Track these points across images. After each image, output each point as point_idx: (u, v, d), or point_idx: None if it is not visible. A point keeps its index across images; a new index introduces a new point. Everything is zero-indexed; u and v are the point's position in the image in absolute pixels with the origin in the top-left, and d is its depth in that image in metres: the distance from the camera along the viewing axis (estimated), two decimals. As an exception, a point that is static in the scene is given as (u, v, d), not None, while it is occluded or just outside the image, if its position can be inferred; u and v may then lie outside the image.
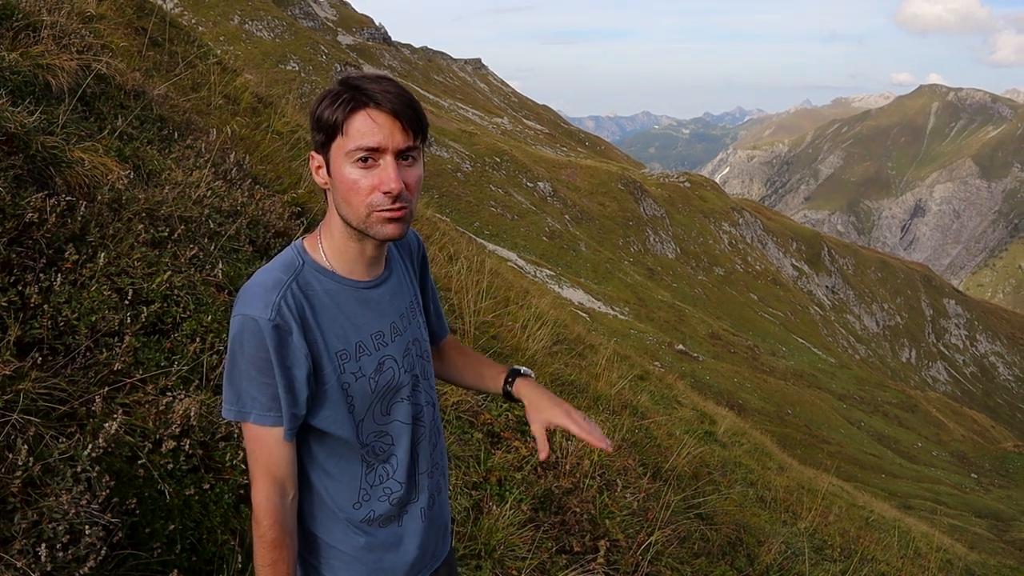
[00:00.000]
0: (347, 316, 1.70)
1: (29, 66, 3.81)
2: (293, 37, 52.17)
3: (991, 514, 25.31)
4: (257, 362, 1.60)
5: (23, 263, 2.76)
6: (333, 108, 1.59)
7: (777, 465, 11.56)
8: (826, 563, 6.82)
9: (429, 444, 1.88)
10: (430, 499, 1.88)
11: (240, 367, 1.62)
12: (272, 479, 1.66)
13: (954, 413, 49.46)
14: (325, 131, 1.61)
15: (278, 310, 1.59)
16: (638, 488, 5.00)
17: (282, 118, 7.32)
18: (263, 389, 1.61)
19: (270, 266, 1.68)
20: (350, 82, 1.61)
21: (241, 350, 1.60)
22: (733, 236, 66.67)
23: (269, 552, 1.66)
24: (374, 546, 1.79)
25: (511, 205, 45.45)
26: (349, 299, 1.71)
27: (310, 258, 1.70)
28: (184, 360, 2.88)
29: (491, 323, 6.08)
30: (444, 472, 1.97)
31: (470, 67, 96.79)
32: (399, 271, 1.87)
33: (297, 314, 1.62)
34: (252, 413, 1.63)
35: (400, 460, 1.80)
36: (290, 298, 1.62)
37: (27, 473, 2.12)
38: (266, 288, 1.62)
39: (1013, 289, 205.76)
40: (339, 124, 1.59)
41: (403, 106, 1.59)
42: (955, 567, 11.24)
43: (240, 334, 1.60)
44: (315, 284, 1.67)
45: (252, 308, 1.60)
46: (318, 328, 1.65)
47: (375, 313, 1.75)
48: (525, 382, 2.05)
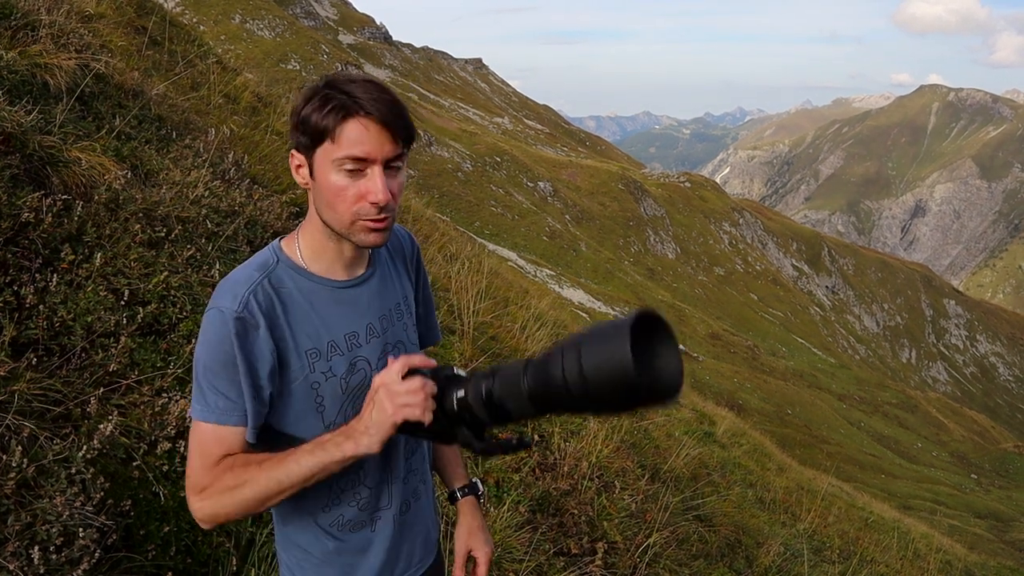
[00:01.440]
0: (320, 315, 1.68)
1: (27, 65, 3.80)
2: (294, 36, 52.17)
3: (991, 515, 25.32)
4: (219, 354, 1.57)
5: (19, 263, 2.75)
6: (323, 113, 1.56)
7: (776, 466, 11.55)
8: (825, 564, 6.81)
9: (405, 449, 1.85)
10: (403, 505, 1.85)
11: (204, 358, 1.59)
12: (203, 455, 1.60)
13: (954, 413, 49.46)
14: (311, 135, 1.58)
15: (246, 304, 1.58)
16: (636, 490, 4.99)
17: (282, 118, 7.31)
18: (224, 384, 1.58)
19: (246, 263, 1.68)
20: (338, 86, 1.57)
21: (207, 340, 1.58)
22: (733, 236, 66.68)
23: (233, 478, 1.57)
24: (343, 550, 1.78)
25: (511, 205, 45.45)
26: (323, 298, 1.69)
27: (285, 256, 1.69)
28: (180, 361, 2.87)
29: (490, 324, 6.07)
30: (424, 478, 1.94)
31: (471, 67, 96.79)
32: (385, 272, 1.84)
33: (266, 310, 1.60)
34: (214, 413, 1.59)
35: (370, 465, 1.77)
36: (260, 294, 1.60)
37: (21, 474, 2.12)
38: (237, 283, 1.61)
39: (1013, 289, 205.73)
40: (328, 130, 1.56)
41: (394, 116, 1.57)
42: (955, 568, 11.23)
43: (206, 327, 1.58)
44: (288, 282, 1.66)
45: (221, 301, 1.59)
46: (288, 326, 1.63)
47: (351, 313, 1.73)
48: (473, 502, 2.08)
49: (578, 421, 5.53)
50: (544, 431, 5.00)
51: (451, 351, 5.06)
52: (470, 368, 4.60)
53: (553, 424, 5.17)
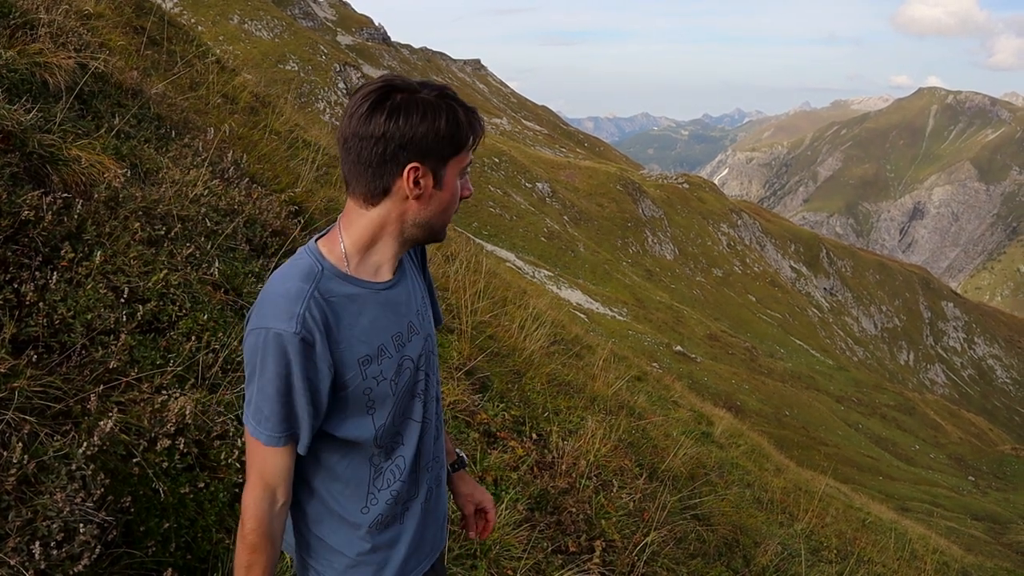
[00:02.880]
0: (369, 320, 1.68)
1: (26, 64, 3.81)
2: (292, 37, 52.11)
3: (988, 517, 25.33)
4: (276, 380, 1.58)
5: (19, 261, 2.76)
6: (470, 127, 1.68)
7: (774, 466, 11.56)
8: (822, 564, 6.83)
9: (432, 438, 1.89)
10: (428, 492, 1.89)
11: (258, 382, 1.60)
12: (264, 485, 1.66)
13: (952, 416, 49.48)
14: (455, 145, 1.66)
15: (303, 322, 1.56)
16: (634, 489, 5.00)
17: (280, 117, 7.32)
18: (277, 410, 1.60)
19: (288, 273, 1.64)
20: (460, 101, 1.69)
21: (263, 366, 1.58)
22: (731, 238, 66.69)
23: (247, 554, 1.66)
24: (378, 547, 1.79)
25: (510, 206, 45.44)
26: (370, 302, 1.69)
27: (328, 263, 1.66)
28: (180, 358, 2.88)
29: (488, 323, 6.08)
30: (443, 464, 1.99)
31: (469, 68, 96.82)
32: (408, 268, 1.86)
33: (321, 324, 1.59)
34: (264, 433, 1.62)
35: (407, 459, 1.80)
36: (314, 308, 1.58)
37: (22, 471, 2.12)
38: (288, 299, 1.58)
39: (1011, 292, 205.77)
40: (468, 142, 1.69)
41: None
42: (951, 569, 11.24)
43: (263, 348, 1.57)
44: (336, 290, 1.64)
45: (275, 321, 1.56)
46: (341, 335, 1.63)
47: (395, 314, 1.74)
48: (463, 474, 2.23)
49: (576, 420, 5.54)
50: (543, 430, 5.01)
51: (449, 350, 5.07)
52: (468, 367, 4.62)
53: (551, 423, 5.18)
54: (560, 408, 5.63)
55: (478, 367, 5.15)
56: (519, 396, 5.34)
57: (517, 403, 5.17)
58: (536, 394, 5.57)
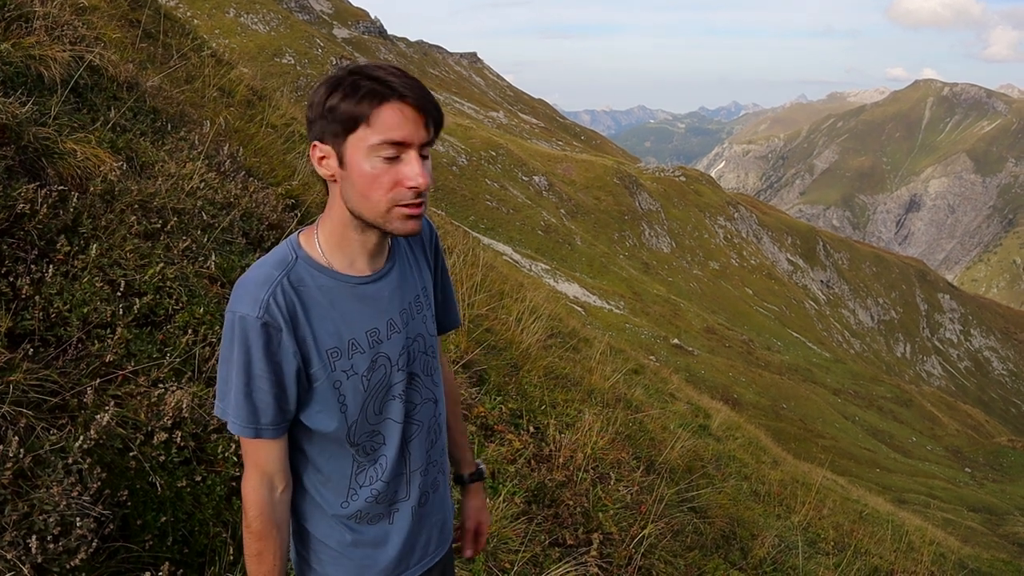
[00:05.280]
0: (340, 313, 1.66)
1: (21, 57, 3.79)
2: (288, 30, 52.02)
3: (984, 508, 25.41)
4: (244, 364, 1.59)
5: (14, 254, 2.75)
6: (355, 99, 1.53)
7: (771, 459, 11.59)
8: (820, 556, 6.84)
9: (425, 441, 1.85)
10: (422, 497, 1.86)
11: (229, 367, 1.61)
12: (260, 473, 1.67)
13: (948, 408, 49.63)
14: (342, 123, 1.54)
15: (267, 308, 1.57)
16: (631, 481, 5.00)
17: (277, 111, 7.30)
18: (250, 396, 1.61)
19: (263, 260, 1.65)
20: (367, 72, 1.55)
21: (230, 349, 1.60)
22: (728, 230, 66.75)
23: (254, 542, 1.68)
24: (361, 543, 1.79)
25: (506, 199, 45.43)
26: (344, 295, 1.67)
27: (304, 252, 1.66)
28: (176, 352, 2.88)
29: (485, 316, 6.08)
30: (444, 469, 1.95)
31: (466, 61, 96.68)
32: (405, 263, 1.81)
33: (287, 311, 1.59)
34: (237, 424, 1.63)
35: (389, 459, 1.77)
36: (280, 295, 1.59)
37: (18, 464, 2.12)
38: (257, 284, 1.59)
39: (1007, 284, 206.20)
40: (363, 116, 1.53)
41: (427, 101, 1.56)
42: (948, 560, 11.27)
43: (230, 331, 1.60)
44: (308, 279, 1.64)
45: (241, 305, 1.58)
46: (308, 325, 1.62)
47: (372, 309, 1.71)
48: (480, 484, 2.23)
49: (573, 413, 5.54)
50: (540, 423, 5.01)
51: (446, 343, 5.07)
52: (465, 360, 4.61)
53: (548, 416, 5.18)
54: (557, 401, 5.63)
55: (475, 360, 5.15)
56: (516, 389, 5.34)
57: (514, 396, 5.17)
58: (533, 387, 5.57)
